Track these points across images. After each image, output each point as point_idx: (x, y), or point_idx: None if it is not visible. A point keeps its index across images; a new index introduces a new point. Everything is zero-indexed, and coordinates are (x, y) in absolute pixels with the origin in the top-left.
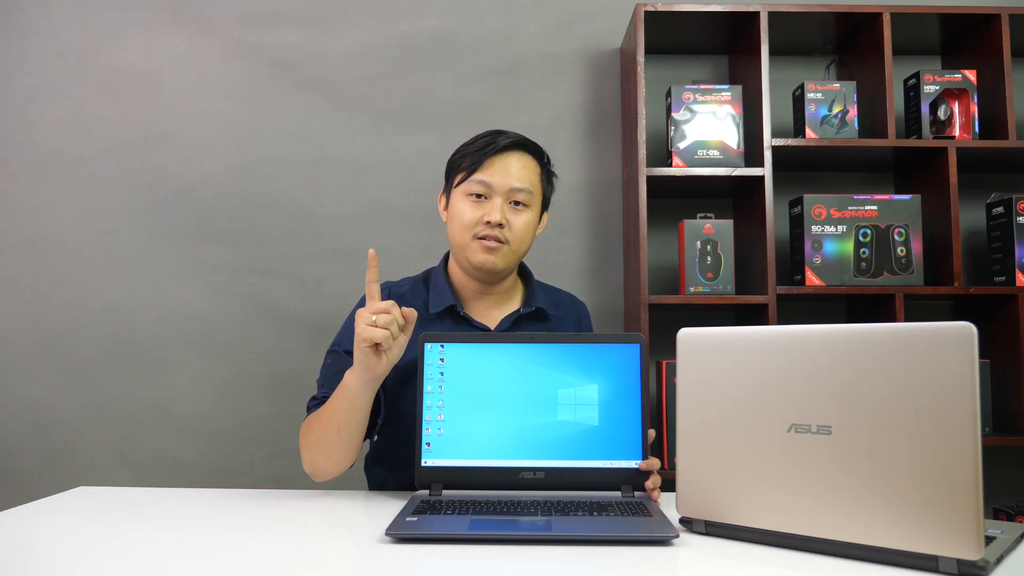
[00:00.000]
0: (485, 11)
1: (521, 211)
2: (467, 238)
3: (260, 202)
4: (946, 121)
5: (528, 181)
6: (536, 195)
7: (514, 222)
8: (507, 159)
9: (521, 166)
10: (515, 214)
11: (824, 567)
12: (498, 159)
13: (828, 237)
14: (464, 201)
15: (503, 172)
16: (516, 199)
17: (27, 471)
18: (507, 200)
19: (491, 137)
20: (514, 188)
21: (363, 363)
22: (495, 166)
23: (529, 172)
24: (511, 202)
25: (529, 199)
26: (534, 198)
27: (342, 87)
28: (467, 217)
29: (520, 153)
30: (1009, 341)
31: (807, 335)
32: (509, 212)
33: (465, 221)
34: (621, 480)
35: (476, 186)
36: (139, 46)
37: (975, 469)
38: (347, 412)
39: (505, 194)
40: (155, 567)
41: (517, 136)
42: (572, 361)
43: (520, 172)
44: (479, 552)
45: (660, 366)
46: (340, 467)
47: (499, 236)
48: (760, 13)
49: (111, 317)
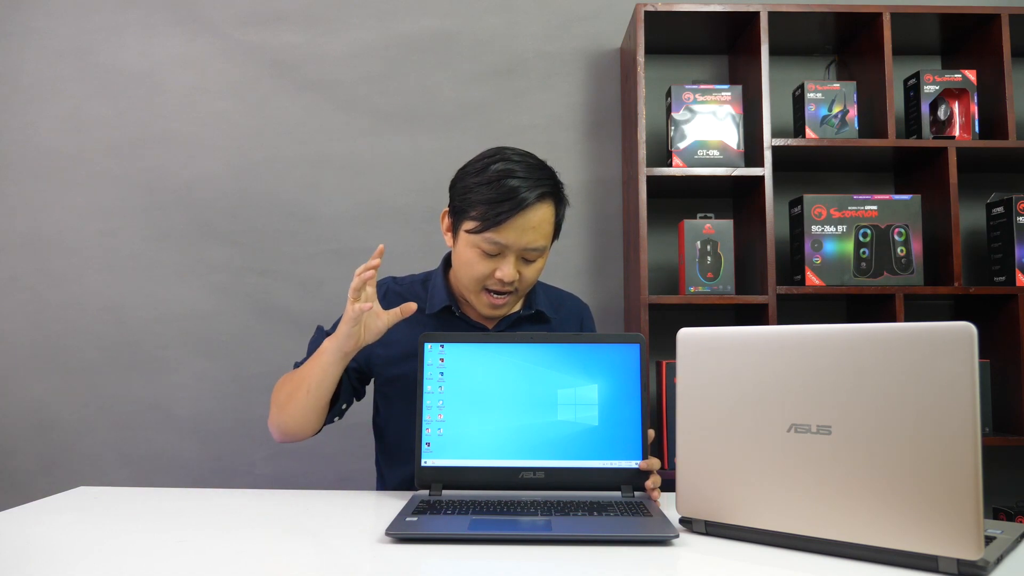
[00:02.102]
0: (485, 11)
1: (534, 261)
2: (476, 287)
3: (260, 202)
4: (946, 121)
5: (543, 234)
6: (549, 240)
7: (526, 274)
8: (524, 217)
9: (538, 222)
10: (527, 266)
11: (824, 567)
12: (517, 218)
13: (828, 237)
14: (472, 251)
15: (519, 231)
16: (528, 258)
17: (27, 471)
18: (520, 256)
19: (512, 190)
20: (528, 248)
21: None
22: (514, 226)
23: (545, 225)
24: (523, 257)
25: (543, 249)
26: (548, 244)
27: (342, 87)
28: (476, 270)
29: (538, 205)
30: (1009, 341)
31: (807, 335)
32: (521, 266)
33: (474, 273)
34: (621, 480)
35: (489, 246)
36: (139, 46)
37: (975, 469)
38: (319, 375)
39: (519, 252)
40: (155, 567)
41: (542, 185)
42: (572, 361)
43: (535, 230)
44: (479, 552)
45: (660, 366)
46: (303, 429)
47: (509, 290)
48: (760, 13)
49: (111, 317)
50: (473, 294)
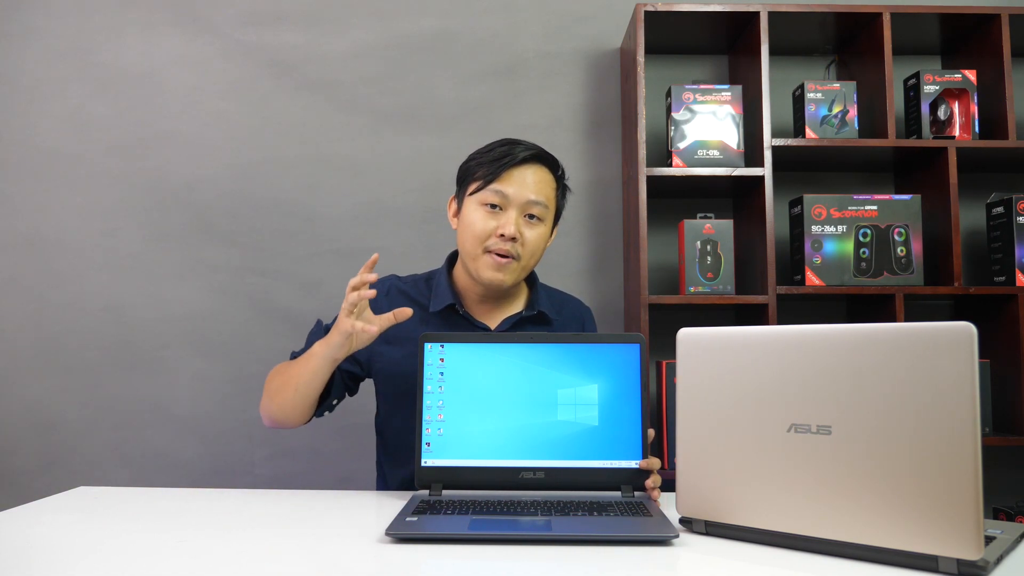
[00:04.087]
0: (485, 11)
1: (535, 225)
2: (478, 249)
3: (260, 202)
4: (946, 121)
5: (544, 194)
6: (551, 209)
7: (528, 236)
8: (525, 171)
9: (538, 179)
10: (529, 227)
11: (824, 567)
12: (516, 171)
13: (828, 237)
14: (478, 210)
15: (521, 184)
16: (532, 212)
17: (27, 471)
18: (522, 213)
19: (509, 147)
20: (531, 201)
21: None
22: (513, 177)
23: (545, 186)
24: (526, 215)
25: (544, 213)
26: (548, 212)
27: (342, 87)
28: (480, 227)
29: (538, 166)
30: (1009, 341)
31: (807, 335)
32: (524, 225)
33: (477, 231)
34: (621, 480)
35: (492, 196)
36: (139, 46)
37: (975, 469)
38: (307, 376)
39: (521, 206)
40: (155, 567)
41: (536, 148)
42: (572, 361)
43: (537, 185)
44: (479, 552)
45: (660, 366)
46: (290, 421)
47: (511, 251)
48: (760, 13)
49: (111, 317)
50: (477, 259)
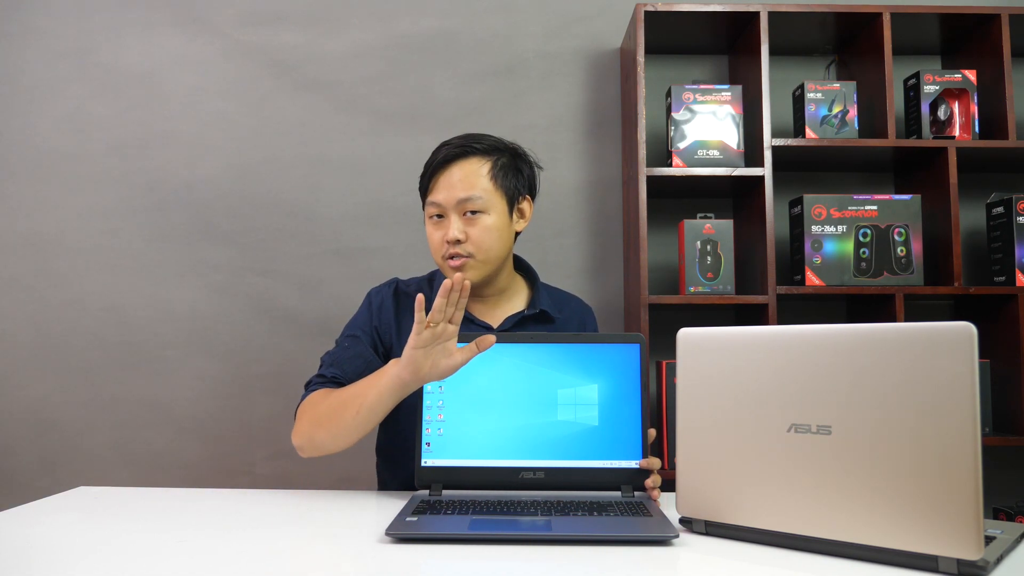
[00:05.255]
0: (485, 11)
1: (478, 218)
2: (439, 260)
3: (260, 202)
4: (946, 121)
5: (476, 186)
6: (492, 195)
7: (472, 233)
8: (451, 172)
9: (464, 175)
10: (472, 224)
11: (824, 567)
12: (443, 175)
13: (828, 237)
14: (429, 224)
15: (447, 187)
16: (469, 208)
17: (27, 471)
18: (461, 212)
19: (435, 153)
20: (461, 199)
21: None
22: (440, 183)
23: (473, 176)
24: (466, 213)
25: (483, 204)
26: (490, 200)
27: (342, 87)
28: (434, 241)
29: (463, 160)
30: (1009, 341)
31: (807, 335)
32: (466, 224)
33: (434, 245)
34: (621, 480)
35: (432, 208)
36: (139, 46)
37: (975, 469)
38: (372, 399)
39: (456, 208)
40: (155, 567)
41: (460, 142)
42: (572, 361)
43: (464, 181)
44: (479, 552)
45: (660, 366)
46: (338, 448)
47: (460, 252)
48: (760, 13)
49: (111, 317)
50: (443, 269)
